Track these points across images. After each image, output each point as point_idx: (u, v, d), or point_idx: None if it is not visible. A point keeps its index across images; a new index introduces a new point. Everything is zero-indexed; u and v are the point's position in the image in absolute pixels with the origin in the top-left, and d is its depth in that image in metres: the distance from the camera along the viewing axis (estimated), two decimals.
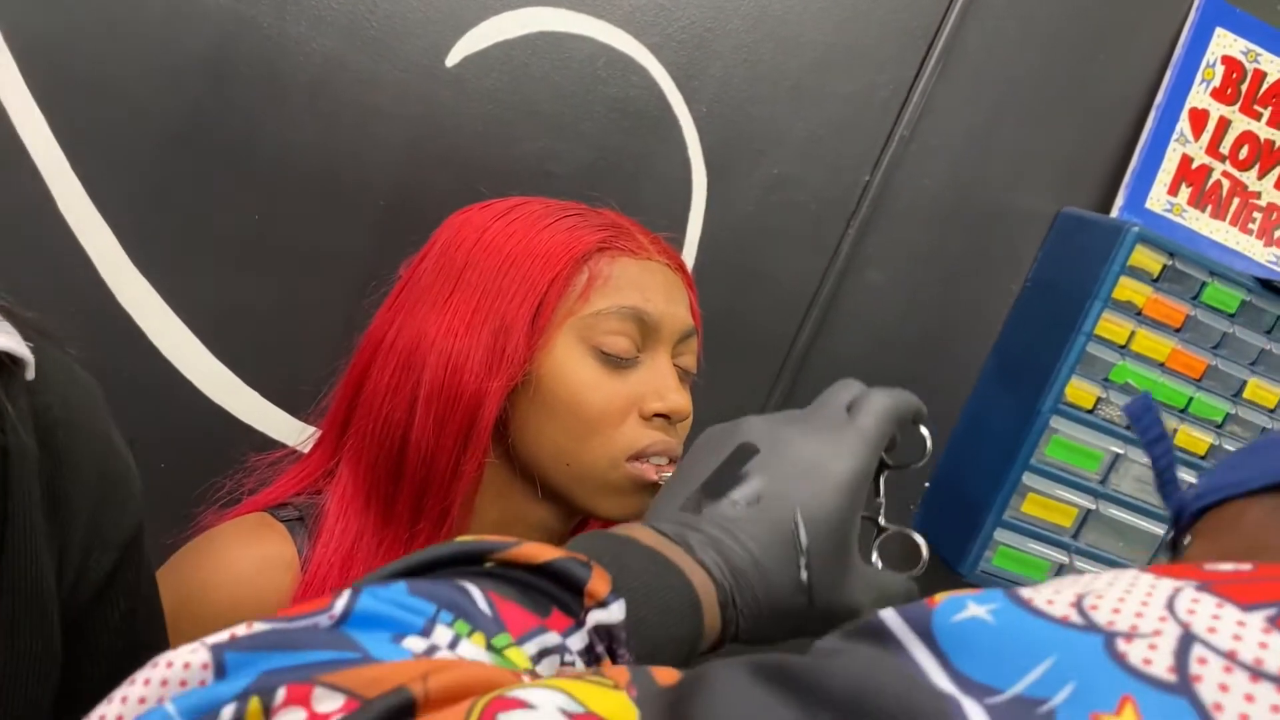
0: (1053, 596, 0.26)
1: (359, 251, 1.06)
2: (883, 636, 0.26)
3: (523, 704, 0.25)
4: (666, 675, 0.28)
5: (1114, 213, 1.24)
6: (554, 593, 0.38)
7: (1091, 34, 1.21)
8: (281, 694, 0.26)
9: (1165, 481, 0.48)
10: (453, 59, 1.04)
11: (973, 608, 0.26)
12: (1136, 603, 0.26)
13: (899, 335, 1.25)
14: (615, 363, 0.65)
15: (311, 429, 1.09)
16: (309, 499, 0.69)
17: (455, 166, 1.06)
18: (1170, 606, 0.25)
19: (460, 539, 0.40)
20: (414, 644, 0.31)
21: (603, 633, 0.39)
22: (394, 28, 1.01)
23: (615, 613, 0.39)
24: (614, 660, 0.39)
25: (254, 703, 0.26)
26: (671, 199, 1.13)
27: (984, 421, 1.26)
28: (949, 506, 1.28)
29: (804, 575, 0.46)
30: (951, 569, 1.23)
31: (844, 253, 1.18)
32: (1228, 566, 0.27)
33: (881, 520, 0.58)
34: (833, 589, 0.48)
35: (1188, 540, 0.43)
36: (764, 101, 1.13)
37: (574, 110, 1.08)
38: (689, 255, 1.15)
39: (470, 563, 0.39)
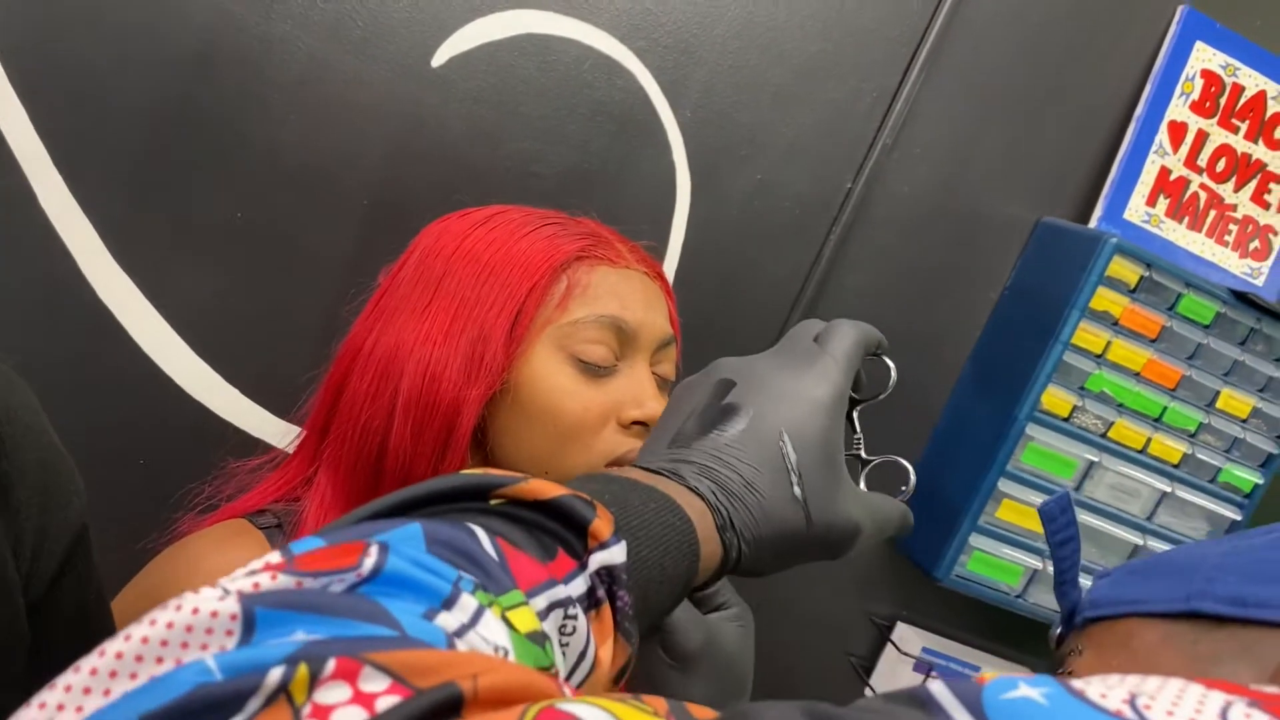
0: (1105, 691, 0.27)
1: (342, 250, 1.06)
2: (930, 706, 0.27)
3: (574, 718, 0.25)
4: (703, 713, 0.28)
5: (1092, 223, 1.25)
6: (558, 532, 0.38)
7: (1073, 45, 1.23)
8: (331, 666, 0.26)
9: (1063, 582, 0.50)
10: (438, 60, 1.04)
11: (1024, 689, 0.26)
12: (1190, 709, 0.26)
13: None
14: (593, 371, 0.66)
15: (292, 428, 1.10)
16: (287, 506, 0.70)
17: (439, 167, 1.07)
18: (1224, 717, 0.26)
19: (465, 471, 0.39)
20: (446, 621, 0.31)
21: (604, 574, 0.39)
22: (380, 28, 1.01)
23: (617, 554, 0.39)
24: (613, 603, 0.39)
25: (302, 669, 0.25)
26: (655, 203, 1.14)
27: (961, 427, 1.28)
28: (925, 512, 1.29)
29: (797, 491, 0.48)
30: (927, 573, 1.24)
31: (825, 257, 1.19)
32: (1272, 689, 0.28)
33: (863, 453, 0.60)
34: (828, 506, 0.49)
35: (1080, 647, 0.45)
36: (748, 107, 1.14)
37: (559, 113, 1.08)
38: (672, 259, 1.16)
39: (473, 497, 0.39)
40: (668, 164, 1.13)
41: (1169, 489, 1.25)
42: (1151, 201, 1.27)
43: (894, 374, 0.57)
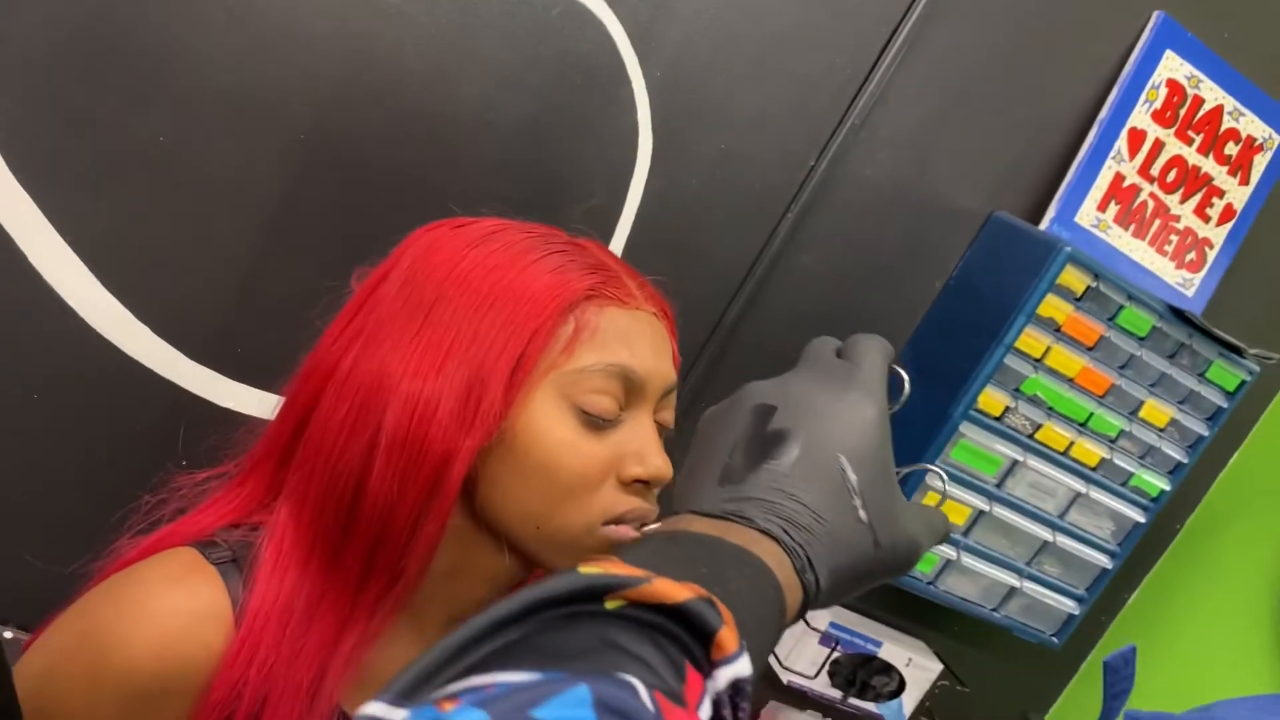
0: None
1: (273, 187, 0.98)
2: None
3: None
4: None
5: (1044, 223, 1.24)
6: (683, 639, 0.36)
7: (1049, 43, 1.20)
8: None
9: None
10: None
11: None
12: None
13: (824, 319, 1.24)
14: (596, 424, 0.60)
15: (201, 369, 1.02)
16: (243, 537, 0.63)
17: (387, 106, 0.98)
18: None
19: (584, 569, 0.35)
20: None
21: (729, 689, 0.36)
22: None
23: (743, 667, 0.36)
24: (734, 713, 0.36)
25: None
26: (614, 163, 1.08)
27: (893, 416, 1.27)
28: None
29: (863, 514, 0.46)
30: None
31: (781, 235, 1.16)
32: None
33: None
34: (892, 525, 0.47)
35: None
36: (721, 72, 1.08)
37: (522, 59, 1.01)
38: (625, 225, 1.10)
39: (590, 599, 0.35)
40: (631, 124, 1.07)
41: (1084, 490, 1.28)
42: (1103, 207, 1.27)
43: (907, 385, 0.55)
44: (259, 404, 1.03)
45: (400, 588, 0.60)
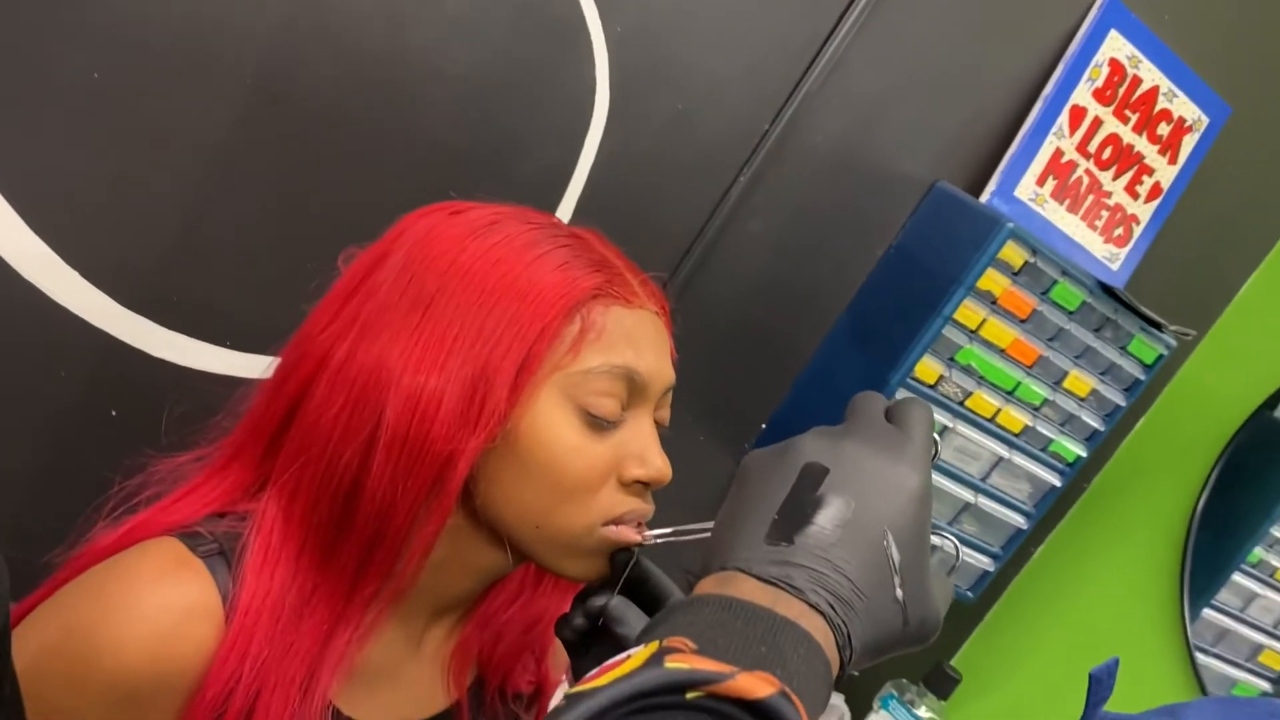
0: None
1: (213, 129, 0.93)
2: None
3: None
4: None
5: (985, 195, 1.27)
6: None
7: (1000, 18, 1.21)
8: None
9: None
10: None
11: None
12: None
13: (769, 284, 1.25)
14: (600, 425, 0.60)
15: (140, 319, 0.98)
16: (230, 527, 0.61)
17: (336, 49, 0.94)
18: None
19: (671, 664, 0.36)
20: None
21: None
22: None
23: None
24: None
25: None
26: (569, 119, 1.06)
27: (830, 377, 1.30)
28: None
29: (899, 593, 0.46)
30: None
31: (732, 199, 1.15)
32: None
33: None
34: (920, 603, 0.48)
35: None
36: (682, 31, 1.06)
37: (479, 6, 0.98)
38: (577, 184, 1.09)
39: (673, 691, 0.36)
40: (588, 81, 1.05)
41: (1006, 455, 1.33)
42: (1041, 181, 1.29)
43: (939, 446, 0.55)
44: (193, 353, 1.00)
45: (395, 585, 0.59)
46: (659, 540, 0.63)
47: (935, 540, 0.55)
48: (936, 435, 0.53)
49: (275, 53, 0.92)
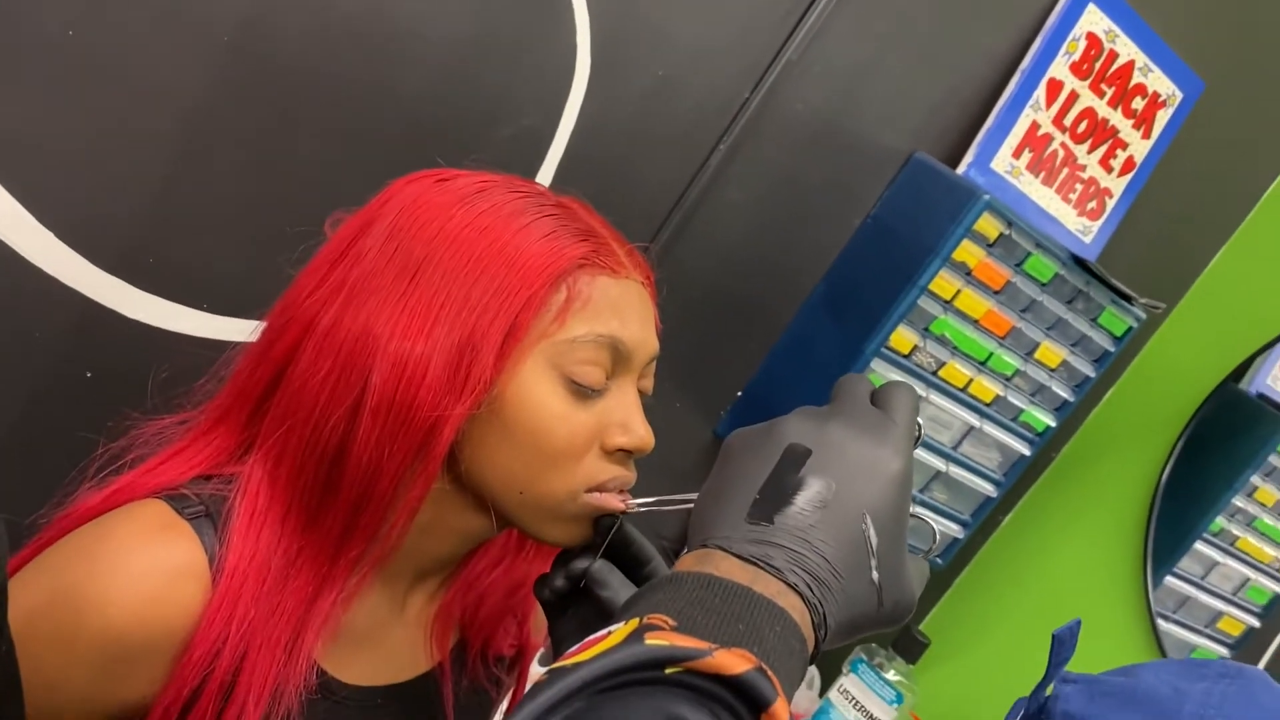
0: None
1: (193, 93, 0.92)
2: None
3: None
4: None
5: (962, 167, 1.28)
6: (737, 709, 0.38)
7: None
8: None
9: (1042, 684, 0.55)
10: None
11: None
12: None
13: (747, 253, 1.25)
14: (585, 393, 0.61)
15: (115, 279, 0.97)
16: (215, 490, 0.61)
17: (315, 9, 0.93)
18: None
19: (650, 641, 0.38)
20: None
21: None
22: None
23: None
24: None
25: None
26: (549, 85, 1.05)
27: (806, 346, 1.31)
28: (758, 420, 1.33)
29: (875, 575, 0.48)
30: None
31: (711, 168, 1.16)
32: None
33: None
34: (897, 585, 0.49)
35: None
36: None
37: None
38: (556, 150, 1.08)
39: (652, 667, 0.38)
40: (569, 45, 1.04)
41: (977, 424, 1.35)
42: (1017, 154, 1.31)
43: (922, 430, 0.56)
44: (170, 316, 0.99)
45: (380, 548, 0.60)
46: (642, 509, 0.64)
47: (914, 521, 0.56)
48: (920, 419, 0.54)
49: (254, 11, 0.91)
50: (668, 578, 0.46)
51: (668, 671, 0.38)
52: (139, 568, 0.56)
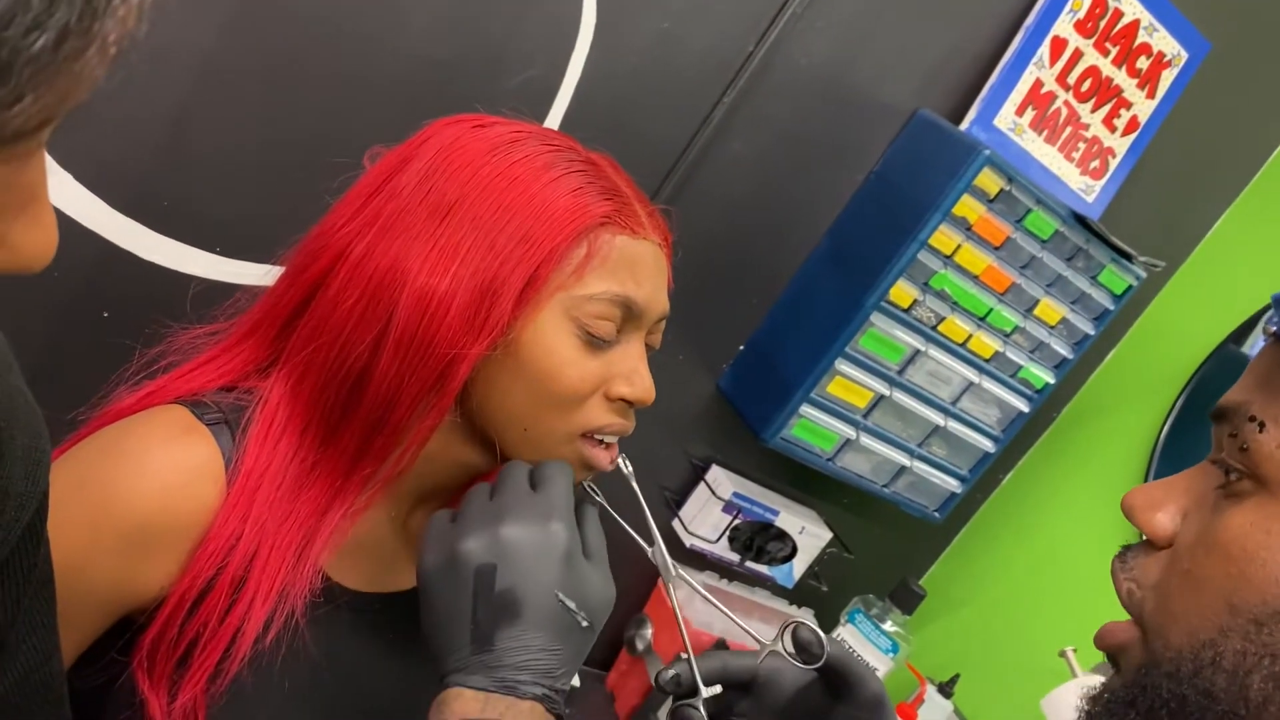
0: None
1: (205, 39, 0.94)
2: None
3: None
4: None
5: (965, 124, 1.29)
6: None
7: None
8: None
9: None
10: None
11: None
12: None
13: (751, 206, 1.27)
14: (595, 344, 0.65)
15: (131, 222, 1.00)
16: (236, 400, 0.65)
17: None
18: None
19: None
20: None
21: None
22: None
23: None
24: None
25: None
26: (555, 37, 1.07)
27: (807, 301, 1.33)
28: (759, 374, 1.36)
29: (583, 621, 0.60)
30: (755, 435, 1.32)
31: (715, 121, 1.17)
32: None
33: (704, 691, 0.68)
34: (597, 608, 0.61)
35: None
36: None
37: None
38: (561, 102, 1.10)
39: None
40: None
41: (977, 380, 1.37)
42: (1020, 111, 1.32)
43: (629, 468, 0.71)
44: (184, 257, 1.02)
45: (390, 470, 0.64)
46: (628, 470, 0.72)
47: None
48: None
49: None
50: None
51: None
52: (161, 464, 0.60)
